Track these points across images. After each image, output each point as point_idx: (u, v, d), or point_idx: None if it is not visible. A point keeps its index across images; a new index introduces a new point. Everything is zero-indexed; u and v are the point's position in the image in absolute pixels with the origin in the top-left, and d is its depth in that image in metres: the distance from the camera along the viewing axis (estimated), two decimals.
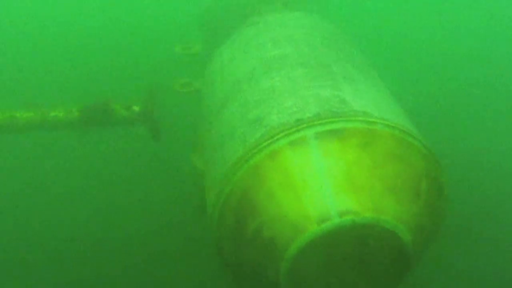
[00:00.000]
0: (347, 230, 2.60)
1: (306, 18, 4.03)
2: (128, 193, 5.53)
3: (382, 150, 2.75)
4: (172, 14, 8.11)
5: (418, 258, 2.98)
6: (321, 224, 2.58)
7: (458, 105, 6.98)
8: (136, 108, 4.84)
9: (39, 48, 7.77)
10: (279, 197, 2.68)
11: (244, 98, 3.22)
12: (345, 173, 2.66)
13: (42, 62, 7.35)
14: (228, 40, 4.08)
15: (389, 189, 2.72)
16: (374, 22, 8.26)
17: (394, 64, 6.18)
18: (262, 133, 2.82)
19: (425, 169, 2.88)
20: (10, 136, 4.88)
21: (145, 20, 8.35)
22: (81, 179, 5.73)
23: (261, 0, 4.39)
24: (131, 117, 4.85)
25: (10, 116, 4.77)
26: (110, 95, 4.96)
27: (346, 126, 2.73)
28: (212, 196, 2.95)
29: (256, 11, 4.23)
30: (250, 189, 2.75)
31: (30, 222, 5.29)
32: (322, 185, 2.64)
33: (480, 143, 6.26)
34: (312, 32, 3.77)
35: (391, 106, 3.12)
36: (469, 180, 5.23)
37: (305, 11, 4.20)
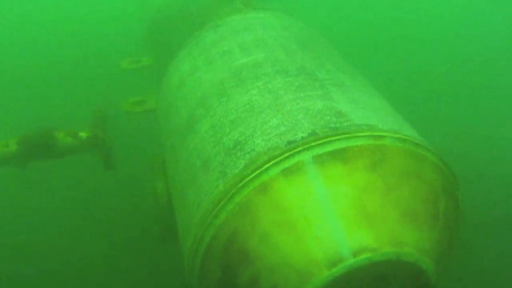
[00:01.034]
0: (364, 271, 2.12)
1: (274, 17, 3.50)
2: (84, 226, 4.90)
3: (395, 169, 2.26)
4: (115, 25, 7.42)
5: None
6: (332, 268, 2.09)
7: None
8: (83, 135, 4.28)
9: None
10: (276, 239, 2.16)
11: (215, 119, 2.68)
12: (355, 202, 2.17)
13: None
14: (184, 48, 3.51)
15: (407, 215, 2.25)
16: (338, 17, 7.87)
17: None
18: (247, 161, 2.29)
19: (442, 185, 2.43)
20: None
21: (86, 35, 7.58)
22: (32, 216, 5.04)
23: (217, 1, 3.83)
24: (79, 145, 4.30)
25: None
26: (51, 122, 4.41)
27: (349, 144, 2.23)
28: (189, 244, 2.40)
29: (213, 13, 3.67)
30: (239, 232, 2.21)
31: None
32: (328, 220, 2.14)
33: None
34: (283, 34, 3.25)
35: (391, 113, 2.65)
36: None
37: (269, 10, 3.67)
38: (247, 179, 2.21)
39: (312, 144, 2.21)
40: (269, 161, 2.21)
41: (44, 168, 4.56)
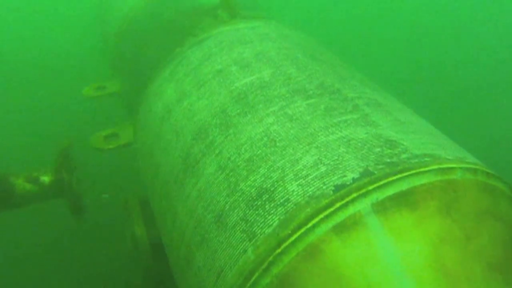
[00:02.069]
0: None
1: (268, 26, 2.97)
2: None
3: (470, 210, 1.76)
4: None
5: None
6: None
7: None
8: (45, 179, 3.65)
9: None
10: None
11: (223, 158, 2.12)
12: (432, 260, 1.65)
13: None
14: (165, 69, 2.94)
15: (492, 267, 1.75)
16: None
17: None
18: (282, 217, 1.73)
19: None
20: None
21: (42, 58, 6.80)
22: None
23: (196, 12, 3.27)
24: (41, 191, 3.65)
25: None
26: (6, 165, 3.75)
27: (415, 184, 1.71)
28: None
29: (194, 25, 3.12)
30: None
31: None
32: (401, 286, 1.61)
33: None
34: (285, 44, 2.72)
35: (441, 135, 2.15)
36: None
37: (261, 18, 3.13)
38: (287, 242, 1.65)
39: (369, 187, 1.68)
40: (314, 215, 1.67)
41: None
